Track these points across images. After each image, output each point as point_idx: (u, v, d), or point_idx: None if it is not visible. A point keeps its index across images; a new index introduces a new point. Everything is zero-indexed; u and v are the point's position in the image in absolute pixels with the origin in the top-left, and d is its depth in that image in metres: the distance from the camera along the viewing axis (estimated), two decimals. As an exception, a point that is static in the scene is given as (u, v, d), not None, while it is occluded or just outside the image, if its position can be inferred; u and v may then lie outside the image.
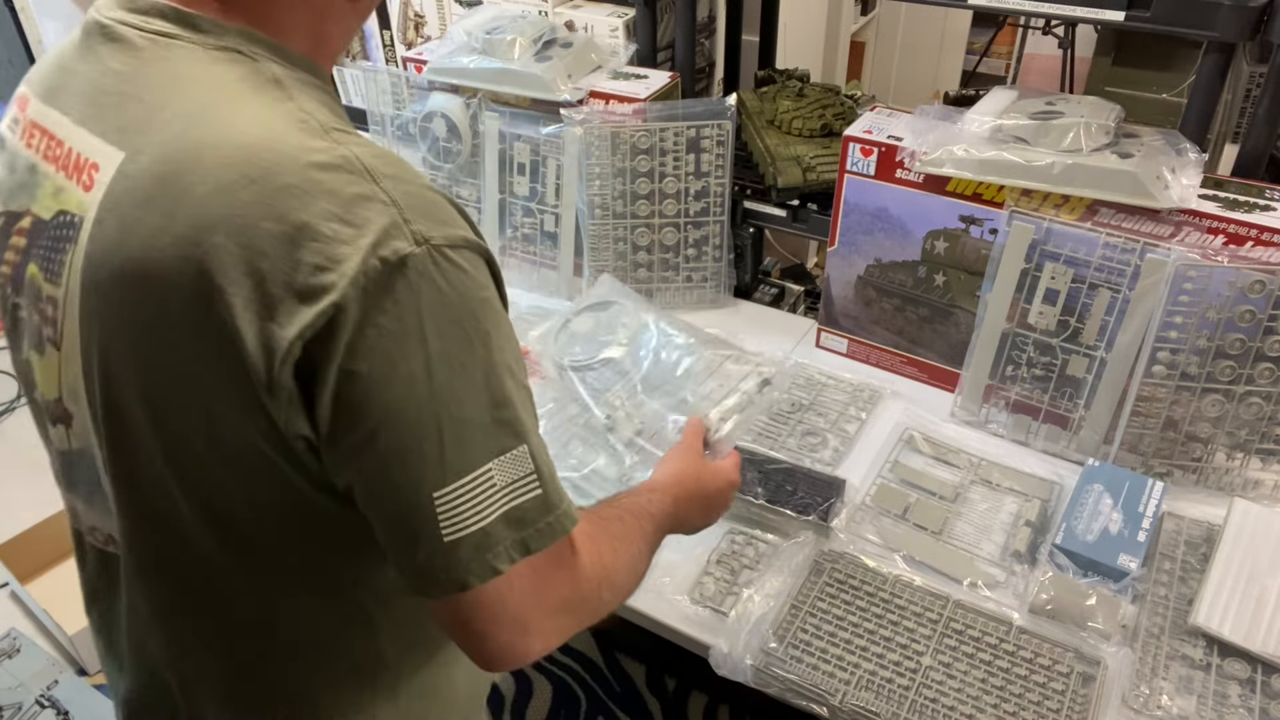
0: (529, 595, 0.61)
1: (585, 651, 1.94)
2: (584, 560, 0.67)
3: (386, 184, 0.55)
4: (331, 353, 0.53)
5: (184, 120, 0.56)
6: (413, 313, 0.54)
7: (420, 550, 0.58)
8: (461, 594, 0.59)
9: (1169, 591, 1.05)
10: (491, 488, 0.58)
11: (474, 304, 0.57)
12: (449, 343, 0.55)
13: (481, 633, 0.61)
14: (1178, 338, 1.11)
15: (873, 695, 0.96)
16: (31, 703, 1.74)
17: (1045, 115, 1.18)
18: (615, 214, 1.51)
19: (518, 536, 0.60)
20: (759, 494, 1.16)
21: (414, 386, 0.55)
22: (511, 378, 0.60)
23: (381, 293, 0.53)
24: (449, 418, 0.56)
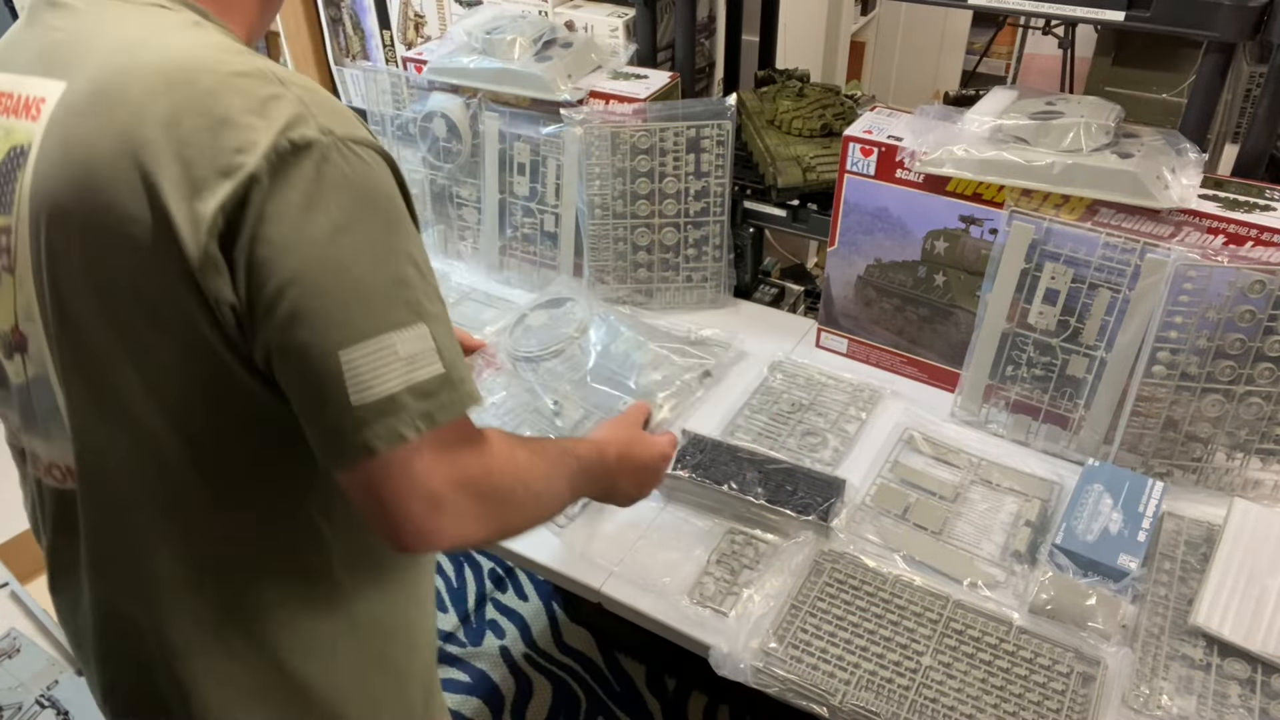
0: (438, 469, 0.65)
1: (585, 651, 1.94)
2: (496, 449, 0.71)
3: (295, 89, 0.63)
4: (246, 219, 0.60)
5: (118, 48, 0.65)
6: (317, 187, 0.61)
7: (329, 412, 0.62)
8: (370, 461, 0.63)
9: (1169, 591, 1.06)
10: (394, 357, 0.63)
11: (375, 193, 0.64)
12: (351, 218, 0.62)
13: (393, 505, 0.64)
14: (1178, 338, 1.11)
15: (873, 695, 0.96)
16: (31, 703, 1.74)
17: (1045, 115, 1.18)
18: (615, 214, 1.51)
19: (422, 408, 0.64)
20: (759, 494, 1.16)
21: (318, 250, 0.61)
22: (413, 266, 0.65)
23: (289, 168, 0.60)
24: (351, 282, 0.62)
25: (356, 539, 0.78)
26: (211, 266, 0.61)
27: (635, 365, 1.40)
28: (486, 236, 1.66)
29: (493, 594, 2.10)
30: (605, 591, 1.09)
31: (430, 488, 0.65)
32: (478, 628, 2.03)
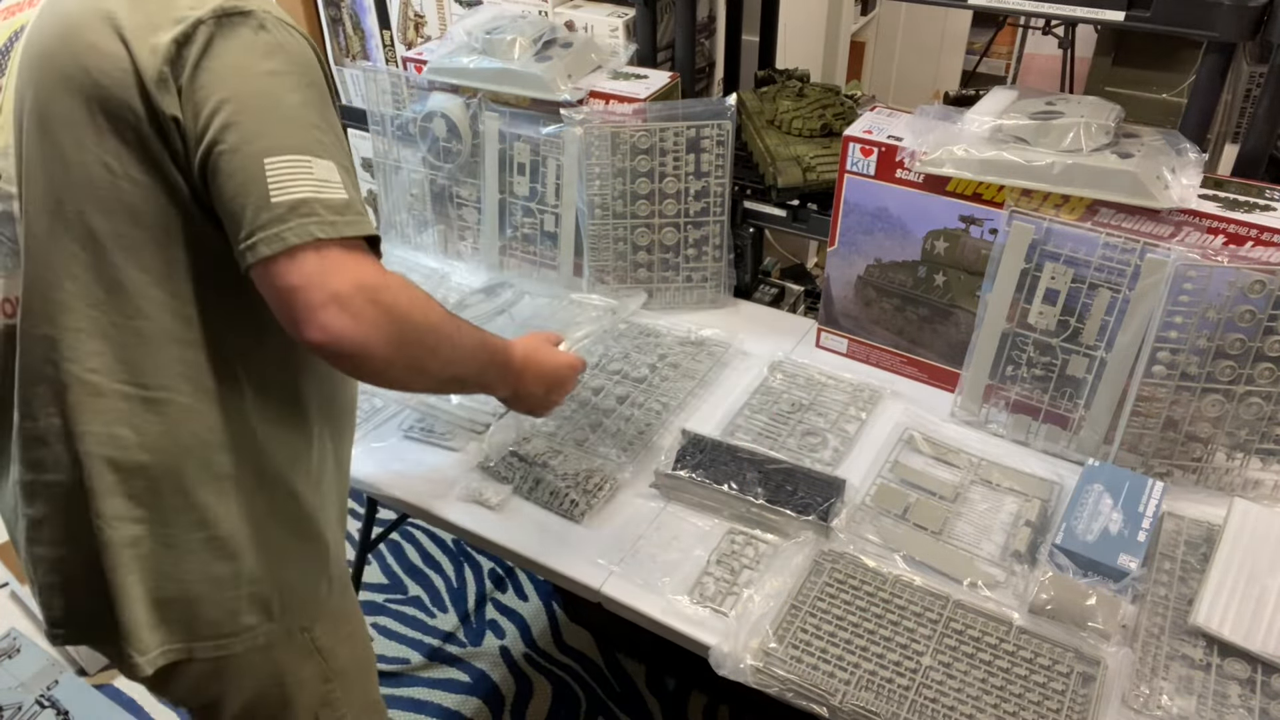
0: (343, 270, 0.74)
1: (585, 651, 1.94)
2: (397, 277, 0.79)
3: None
4: (192, 51, 0.74)
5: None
6: (252, 38, 0.75)
7: (249, 211, 0.73)
8: (283, 255, 0.73)
9: (1169, 591, 1.06)
10: (309, 173, 0.74)
11: (303, 60, 0.78)
12: (283, 69, 0.76)
13: (302, 297, 0.73)
14: (1178, 338, 1.11)
15: (873, 695, 0.96)
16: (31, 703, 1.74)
17: (1045, 115, 1.18)
18: (615, 214, 1.51)
19: (331, 219, 0.74)
20: (759, 494, 1.16)
21: (253, 81, 0.75)
22: (329, 124, 0.78)
23: (231, 23, 0.75)
24: (280, 108, 0.75)
25: (273, 400, 0.90)
26: (163, 84, 0.74)
27: (555, 315, 1.55)
28: (486, 236, 1.66)
29: (493, 594, 2.10)
30: (605, 591, 1.09)
31: (334, 286, 0.73)
32: (478, 628, 2.03)
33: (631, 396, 1.37)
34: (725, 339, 1.49)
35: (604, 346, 1.47)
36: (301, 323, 0.73)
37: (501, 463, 1.26)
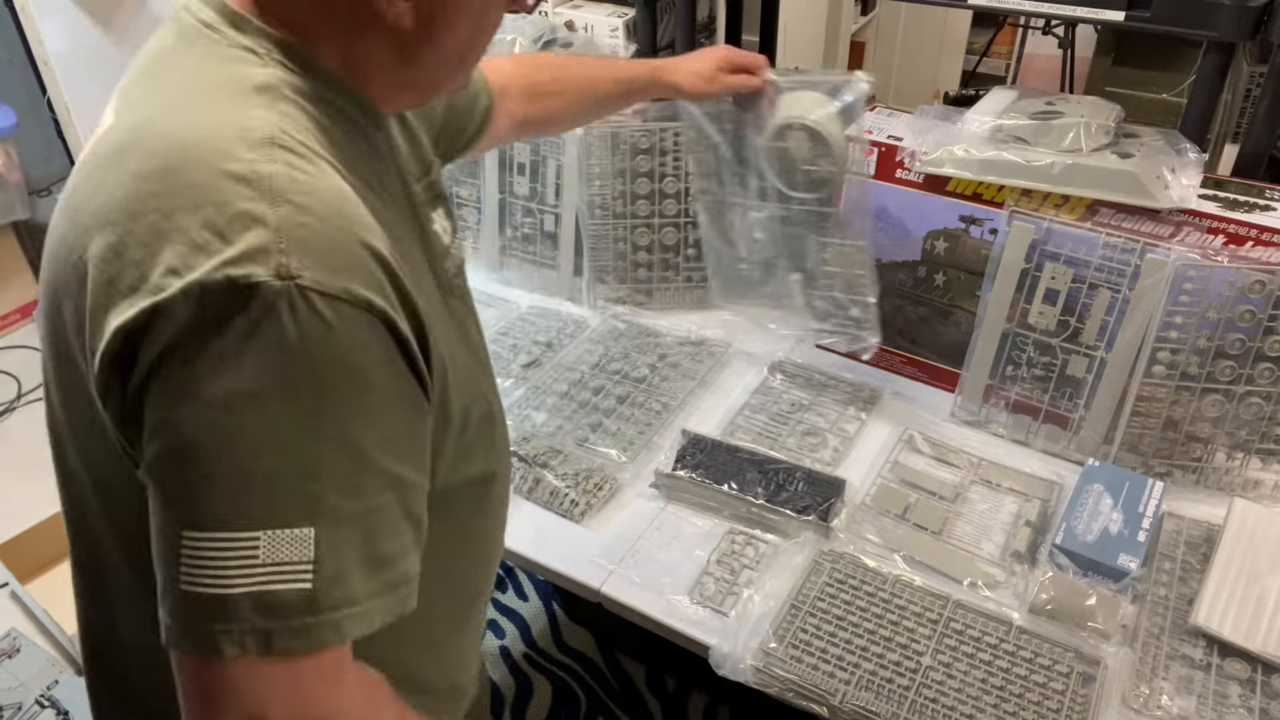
0: (264, 697, 0.53)
1: (585, 651, 1.94)
2: (350, 702, 0.58)
3: (285, 210, 0.52)
4: (145, 352, 0.52)
5: (161, 104, 0.58)
6: (241, 340, 0.50)
7: (162, 584, 0.53)
8: (188, 656, 0.53)
9: (1169, 591, 1.06)
10: (251, 560, 0.52)
11: (322, 362, 0.52)
12: (267, 388, 0.51)
13: (197, 712, 0.54)
14: (1178, 338, 1.11)
15: (873, 695, 0.96)
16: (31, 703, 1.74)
17: (1045, 115, 1.18)
18: (615, 214, 1.51)
19: (263, 626, 0.52)
20: (759, 494, 1.16)
21: (209, 414, 0.51)
22: (345, 453, 0.54)
23: (216, 307, 0.50)
24: (232, 462, 0.51)
25: None
26: (104, 382, 0.54)
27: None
28: (486, 236, 1.66)
29: (493, 594, 2.10)
30: (605, 591, 1.09)
31: (247, 711, 0.53)
32: None
33: (631, 396, 1.37)
34: (725, 339, 1.49)
35: (604, 347, 1.47)
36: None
37: (501, 463, 1.26)
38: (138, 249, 0.52)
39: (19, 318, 2.86)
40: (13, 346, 2.76)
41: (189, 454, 0.51)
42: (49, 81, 2.59)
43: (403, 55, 0.62)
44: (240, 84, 0.57)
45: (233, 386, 0.51)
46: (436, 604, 0.75)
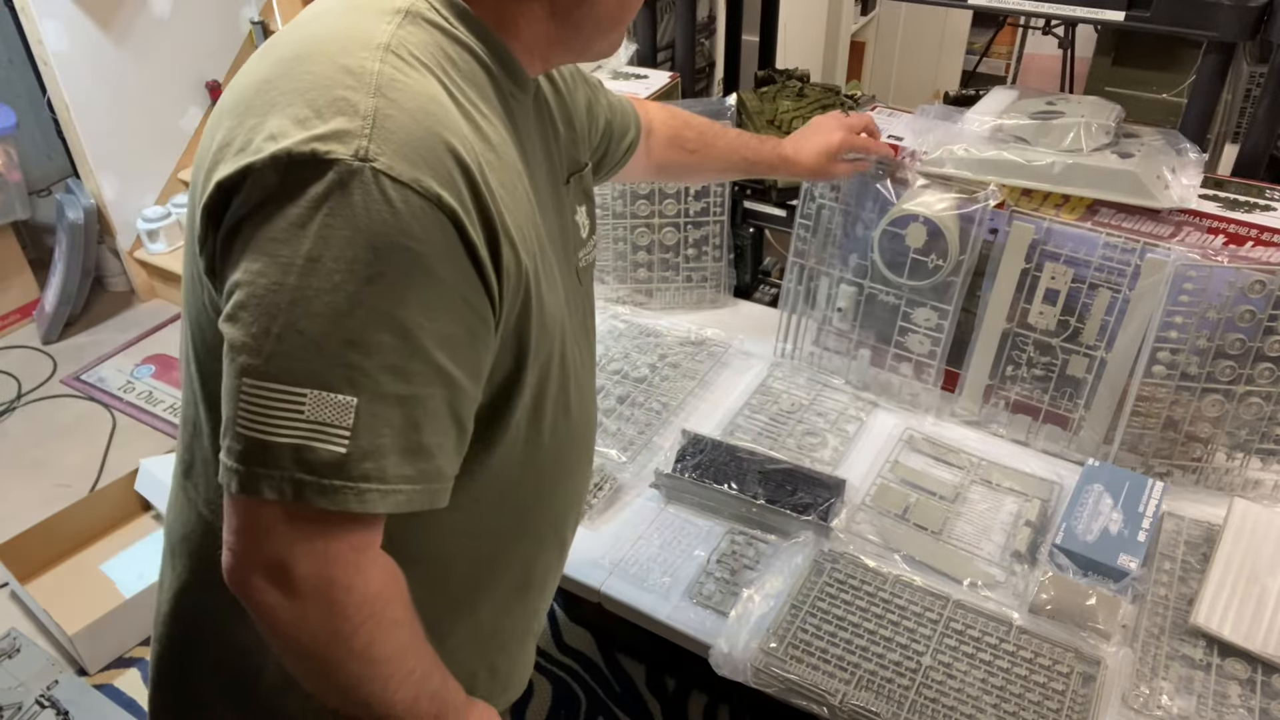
0: (288, 545, 0.58)
1: (585, 651, 1.94)
2: (373, 577, 0.61)
3: (378, 101, 0.57)
4: (232, 204, 0.57)
5: (314, 14, 0.65)
6: (315, 209, 0.55)
7: (224, 426, 0.58)
8: (234, 496, 0.58)
9: (1169, 591, 1.05)
10: (297, 414, 0.56)
11: (382, 241, 0.55)
12: (332, 256, 0.55)
13: (235, 546, 0.59)
14: (1178, 338, 1.11)
15: (873, 695, 0.96)
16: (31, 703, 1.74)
17: (1046, 115, 1.18)
18: (615, 214, 1.51)
19: (297, 477, 0.56)
20: (759, 494, 1.16)
21: (276, 271, 0.55)
22: (395, 334, 0.57)
23: (298, 176, 0.55)
24: (290, 322, 0.55)
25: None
26: (203, 230, 0.60)
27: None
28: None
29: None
30: (605, 591, 1.09)
31: (270, 555, 0.58)
32: None
33: (631, 396, 1.37)
34: (725, 339, 1.49)
35: (604, 347, 1.47)
36: (225, 564, 0.60)
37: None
38: (253, 118, 0.58)
39: (19, 318, 2.86)
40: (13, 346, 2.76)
41: (255, 306, 0.56)
42: (49, 81, 2.59)
43: (554, 13, 0.68)
44: (384, 6, 0.63)
45: (299, 250, 0.55)
46: (489, 556, 0.80)
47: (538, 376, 0.71)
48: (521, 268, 0.64)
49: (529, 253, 0.66)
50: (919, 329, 1.30)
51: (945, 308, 1.27)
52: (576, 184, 0.84)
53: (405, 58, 0.60)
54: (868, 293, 1.33)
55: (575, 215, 0.84)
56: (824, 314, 1.38)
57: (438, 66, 0.62)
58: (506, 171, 0.65)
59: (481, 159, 0.61)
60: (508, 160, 0.66)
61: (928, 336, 1.30)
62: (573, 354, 0.78)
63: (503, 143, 0.66)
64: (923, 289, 1.27)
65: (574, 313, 0.80)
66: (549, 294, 0.70)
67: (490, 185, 0.61)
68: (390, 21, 0.62)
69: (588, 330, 0.86)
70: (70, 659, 1.84)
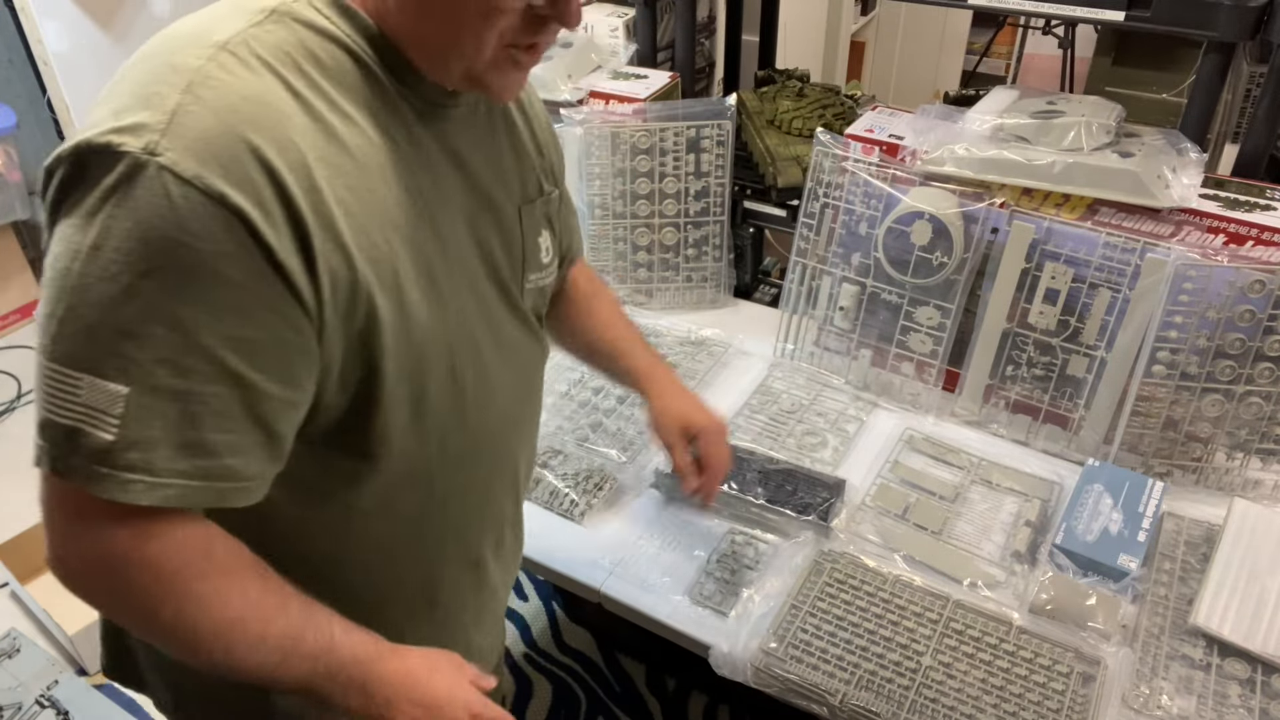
0: (68, 522, 0.61)
1: (585, 651, 1.94)
2: (165, 559, 0.62)
3: (184, 98, 0.57)
4: (49, 193, 0.59)
5: (194, 16, 0.65)
6: (102, 199, 0.56)
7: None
8: (38, 469, 0.60)
9: (1169, 591, 1.05)
10: (75, 397, 0.57)
11: (157, 235, 0.56)
12: (112, 247, 0.56)
13: (43, 521, 0.62)
14: (1178, 337, 1.11)
15: (873, 695, 0.96)
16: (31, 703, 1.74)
17: (1046, 114, 1.18)
18: (615, 214, 1.51)
19: (70, 458, 0.58)
20: (759, 494, 1.16)
21: (66, 256, 0.57)
22: (170, 328, 0.57)
23: (92, 167, 0.57)
24: (72, 306, 0.57)
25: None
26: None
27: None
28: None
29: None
30: (605, 591, 1.09)
31: (60, 530, 0.62)
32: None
33: (632, 396, 1.37)
34: (725, 339, 1.49)
35: (604, 346, 1.47)
36: (47, 548, 0.63)
37: (501, 463, 1.26)
38: (94, 110, 0.60)
39: (19, 318, 2.86)
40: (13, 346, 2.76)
41: (47, 288, 0.58)
42: (49, 81, 2.59)
43: (419, 13, 0.65)
44: (256, 5, 0.63)
45: (86, 237, 0.56)
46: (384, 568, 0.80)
47: (410, 391, 0.70)
48: (357, 275, 0.63)
49: (375, 260, 0.64)
50: (921, 328, 1.30)
51: (948, 306, 1.27)
52: (541, 208, 0.83)
53: (243, 57, 0.60)
54: (870, 291, 1.32)
55: (539, 237, 0.83)
56: (825, 314, 1.38)
57: (291, 66, 0.62)
58: (363, 175, 0.64)
59: (312, 161, 0.60)
60: (368, 163, 0.64)
61: (930, 335, 1.30)
62: (472, 373, 0.76)
63: (366, 145, 0.64)
64: (926, 287, 1.27)
65: (492, 330, 0.78)
66: (423, 306, 0.69)
67: (314, 188, 0.60)
68: (248, 20, 0.62)
69: (516, 348, 0.83)
70: (70, 659, 1.84)
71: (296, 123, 0.61)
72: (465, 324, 0.75)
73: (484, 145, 0.77)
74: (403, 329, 0.67)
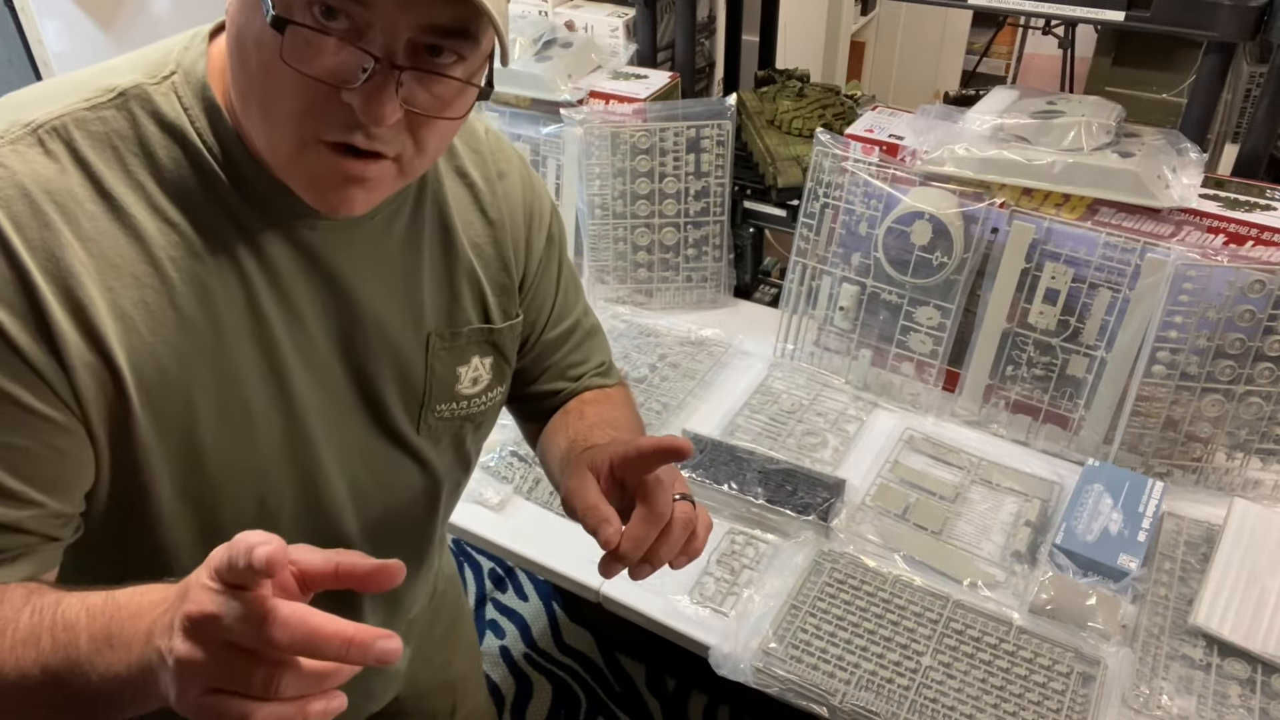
0: None
1: (585, 651, 1.94)
2: None
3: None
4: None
5: (60, 78, 0.63)
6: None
7: None
8: None
9: (1169, 591, 1.05)
10: None
11: None
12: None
13: None
14: (1178, 337, 1.11)
15: (873, 695, 0.96)
16: (31, 703, 1.73)
17: (1046, 114, 1.18)
18: (615, 214, 1.51)
19: None
20: (759, 494, 1.16)
21: None
22: None
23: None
24: None
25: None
26: None
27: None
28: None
29: (493, 594, 2.10)
30: (605, 592, 1.09)
31: None
32: (478, 627, 2.03)
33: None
34: (725, 339, 1.49)
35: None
36: None
37: (501, 462, 1.26)
38: None
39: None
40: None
41: None
42: (49, 81, 2.59)
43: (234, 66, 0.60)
44: (104, 83, 0.60)
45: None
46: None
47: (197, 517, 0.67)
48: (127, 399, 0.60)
49: (157, 385, 0.61)
50: (921, 328, 1.30)
51: (948, 306, 1.27)
52: (475, 337, 0.77)
53: (49, 145, 0.58)
54: (870, 291, 1.32)
55: (460, 367, 0.77)
56: (825, 314, 1.38)
57: (111, 159, 0.59)
58: (166, 289, 0.61)
59: (90, 270, 0.58)
60: (179, 276, 0.61)
61: (930, 335, 1.30)
62: (296, 503, 0.72)
63: (184, 257, 0.61)
64: (926, 287, 1.27)
65: (351, 456, 0.74)
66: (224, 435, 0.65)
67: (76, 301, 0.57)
68: (86, 100, 0.59)
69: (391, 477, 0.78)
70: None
71: (86, 226, 0.58)
72: (296, 451, 0.70)
73: (384, 264, 0.70)
74: (189, 459, 0.64)
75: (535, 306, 0.84)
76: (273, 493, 0.70)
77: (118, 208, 0.59)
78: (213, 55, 0.62)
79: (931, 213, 1.22)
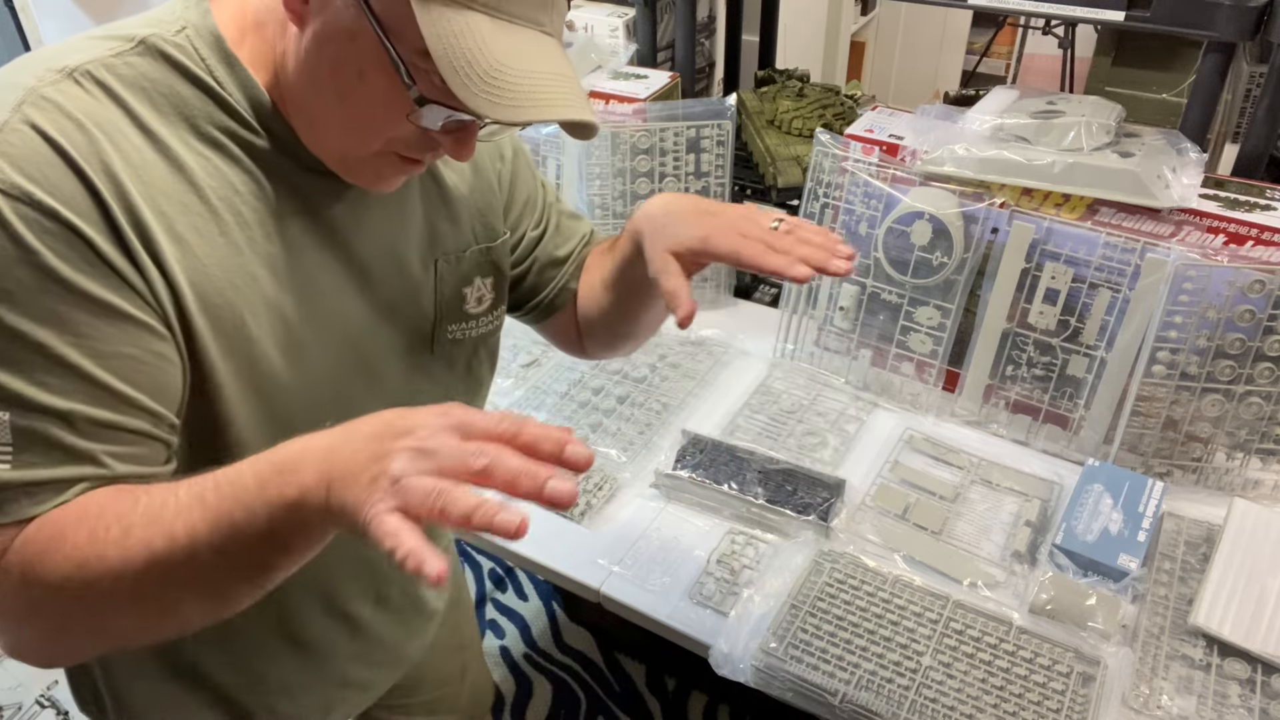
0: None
1: (585, 651, 1.94)
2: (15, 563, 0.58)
3: (14, 118, 0.57)
4: None
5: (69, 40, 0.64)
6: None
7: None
8: None
9: (1169, 591, 1.05)
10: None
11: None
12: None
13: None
14: (1178, 337, 1.11)
15: (873, 695, 0.96)
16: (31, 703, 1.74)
17: (1046, 114, 1.18)
18: (615, 214, 1.51)
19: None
20: (759, 494, 1.16)
21: None
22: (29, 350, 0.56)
23: None
24: None
25: None
26: None
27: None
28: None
29: (493, 594, 2.10)
30: (605, 591, 1.09)
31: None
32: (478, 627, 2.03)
33: (631, 396, 1.37)
34: (725, 339, 1.49)
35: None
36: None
37: (501, 463, 1.26)
38: None
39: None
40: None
41: None
42: (49, 81, 2.58)
43: (293, 63, 0.64)
44: (125, 33, 0.62)
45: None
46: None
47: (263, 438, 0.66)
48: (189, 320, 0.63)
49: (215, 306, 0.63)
50: (921, 328, 1.30)
51: (948, 306, 1.27)
52: (476, 257, 0.84)
53: (85, 85, 0.59)
54: (870, 291, 1.32)
55: (465, 288, 0.83)
56: (825, 314, 1.38)
57: (145, 99, 0.61)
58: (214, 219, 0.63)
59: (142, 195, 0.60)
60: (222, 208, 0.64)
61: (930, 335, 1.30)
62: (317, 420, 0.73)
63: (226, 190, 0.64)
64: (926, 287, 1.27)
65: (375, 387, 0.76)
66: (279, 362, 0.68)
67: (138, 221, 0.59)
68: (110, 49, 0.61)
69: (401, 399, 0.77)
70: (70, 659, 1.84)
71: (134, 156, 0.60)
72: (340, 378, 0.73)
73: (392, 201, 0.75)
74: (255, 385, 0.66)
75: (516, 214, 0.91)
76: (325, 421, 0.71)
77: (158, 141, 0.61)
78: (217, 11, 0.65)
79: (931, 213, 1.22)
